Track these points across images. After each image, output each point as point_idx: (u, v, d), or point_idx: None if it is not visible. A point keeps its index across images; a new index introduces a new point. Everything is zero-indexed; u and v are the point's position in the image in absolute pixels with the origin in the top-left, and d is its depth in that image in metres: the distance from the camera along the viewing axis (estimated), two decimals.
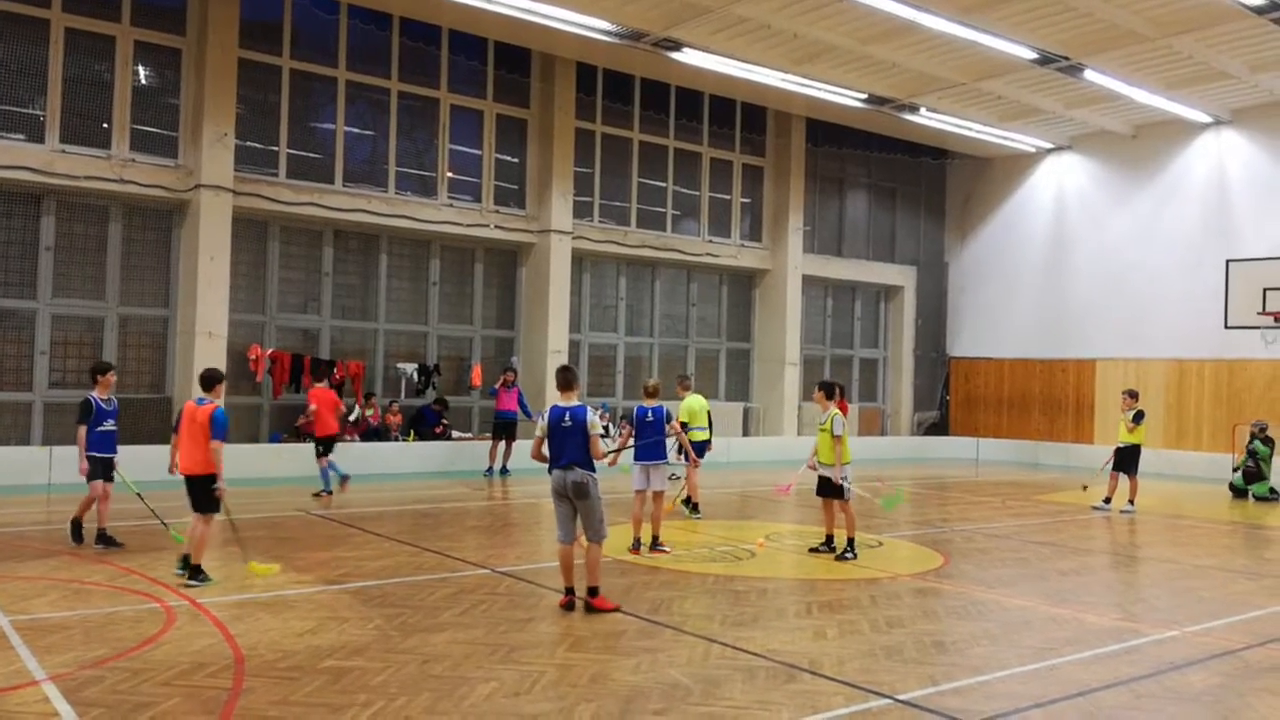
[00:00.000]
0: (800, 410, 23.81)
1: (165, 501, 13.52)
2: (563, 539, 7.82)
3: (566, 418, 7.73)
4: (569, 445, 7.67)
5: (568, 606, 7.67)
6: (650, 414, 10.75)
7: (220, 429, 8.36)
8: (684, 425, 12.90)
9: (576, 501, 7.70)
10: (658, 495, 10.66)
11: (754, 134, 23.98)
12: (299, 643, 6.57)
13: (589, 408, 7.88)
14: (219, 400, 8.66)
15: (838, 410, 10.48)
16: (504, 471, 17.76)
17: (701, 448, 13.29)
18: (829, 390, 10.67)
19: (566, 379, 8.02)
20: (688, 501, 13.00)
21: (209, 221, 16.31)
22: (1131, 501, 15.11)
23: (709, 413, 13.82)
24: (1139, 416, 15.27)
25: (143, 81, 16.73)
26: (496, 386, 18.22)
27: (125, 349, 16.64)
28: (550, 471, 7.79)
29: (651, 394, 11.01)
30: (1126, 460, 15.25)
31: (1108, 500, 15.27)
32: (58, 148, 15.66)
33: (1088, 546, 12.07)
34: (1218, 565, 10.89)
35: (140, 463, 15.39)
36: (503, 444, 17.89)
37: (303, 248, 18.39)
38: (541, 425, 7.88)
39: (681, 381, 14.33)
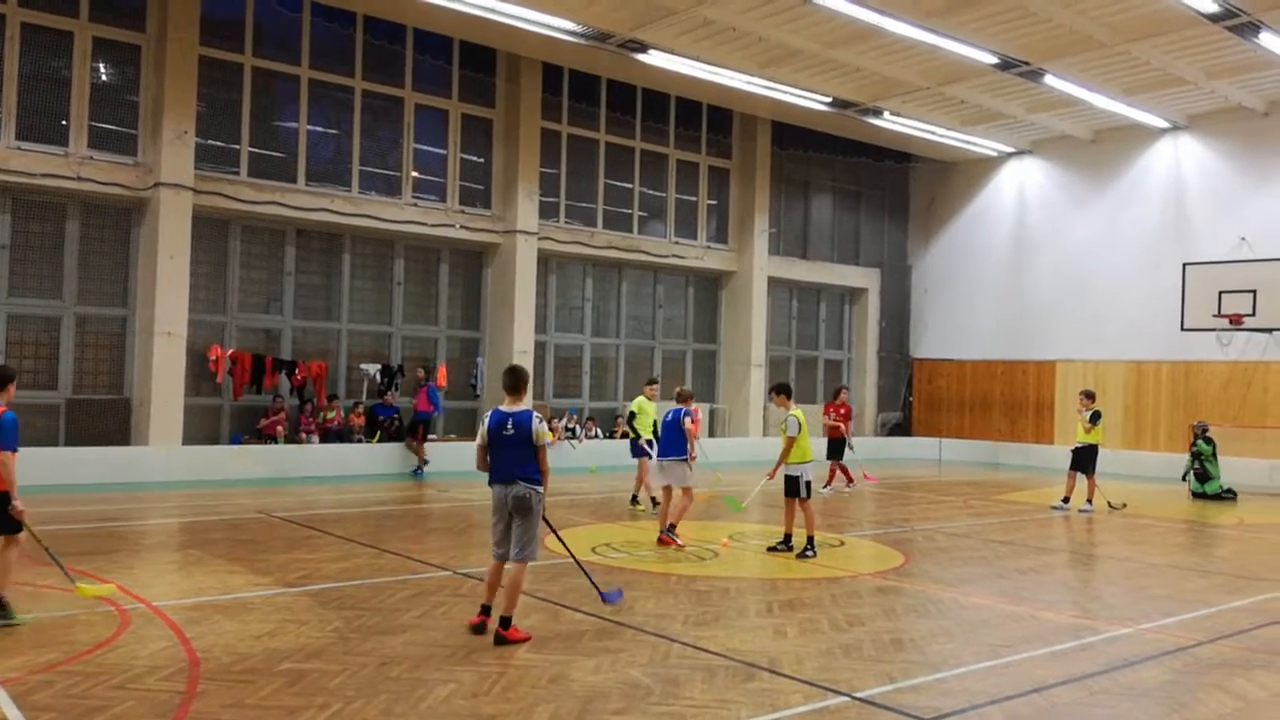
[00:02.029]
0: (766, 411, 23.91)
1: (116, 504, 13.34)
2: (496, 555, 7.08)
3: (509, 425, 6.93)
4: (510, 456, 6.92)
5: (478, 628, 6.92)
6: (670, 415, 11.53)
7: (6, 438, 6.94)
8: (631, 417, 14.03)
9: (514, 517, 6.96)
10: (685, 490, 11.14)
11: (720, 136, 24.06)
12: (255, 645, 6.51)
13: (535, 413, 7.03)
14: (5, 403, 7.21)
15: (797, 412, 10.57)
16: (418, 471, 17.71)
17: (638, 446, 13.92)
18: (780, 390, 10.82)
19: (514, 381, 7.14)
20: (634, 498, 14.05)
21: (169, 220, 16.12)
22: (1090, 501, 15.33)
23: (654, 420, 14.27)
24: (1096, 417, 15.50)
25: (102, 78, 16.50)
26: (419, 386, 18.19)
27: (83, 349, 16.40)
28: (490, 483, 7.06)
29: (681, 399, 11.73)
30: (1083, 460, 15.47)
31: (1066, 500, 15.48)
32: (14, 144, 15.40)
33: (1046, 545, 12.22)
34: (1171, 563, 11.07)
35: (97, 465, 15.28)
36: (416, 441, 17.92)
37: (265, 247, 18.22)
38: (481, 432, 7.09)
39: (650, 383, 14.85)
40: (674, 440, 11.38)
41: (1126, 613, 8.43)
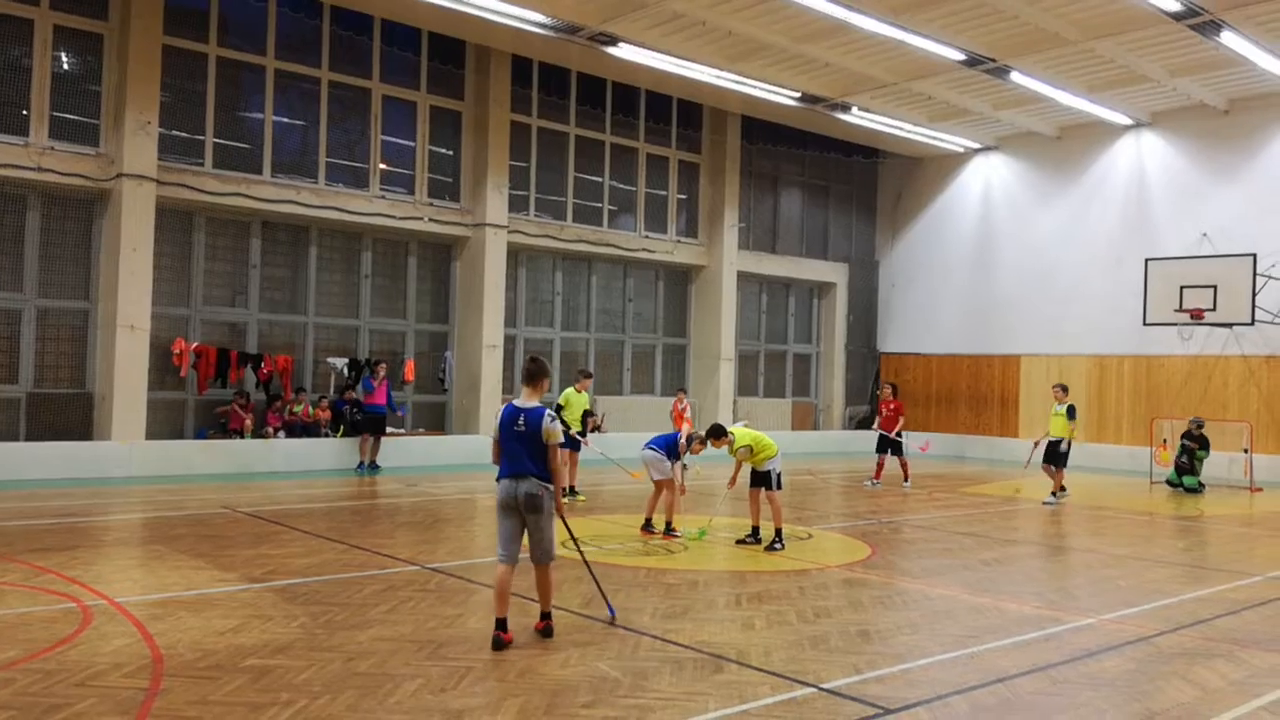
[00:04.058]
0: (735, 405, 24.02)
1: (78, 499, 13.17)
2: (504, 558, 6.77)
3: (520, 420, 6.73)
4: (520, 452, 6.69)
5: (501, 644, 6.47)
6: (673, 436, 11.87)
7: None
8: (559, 409, 14.15)
9: (527, 516, 6.70)
10: (657, 483, 11.32)
11: (690, 130, 24.07)
12: (220, 641, 6.44)
13: (548, 411, 6.81)
14: None
15: (742, 439, 10.64)
16: (373, 468, 17.36)
17: (567, 438, 14.08)
18: (715, 432, 10.83)
19: (532, 371, 6.94)
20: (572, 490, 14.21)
21: (131, 212, 15.89)
22: (1055, 493, 15.51)
23: (586, 410, 14.71)
24: (1072, 411, 15.65)
25: (64, 67, 16.24)
26: (370, 380, 17.59)
27: (44, 342, 16.14)
28: (498, 479, 6.83)
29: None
30: (1055, 453, 15.61)
31: (1054, 493, 15.60)
32: None
33: (1010, 537, 12.36)
34: (1134, 554, 11.23)
35: (58, 460, 15.07)
36: (370, 439, 17.52)
37: (229, 239, 18.01)
38: (495, 426, 6.91)
39: (583, 375, 15.12)
40: (663, 437, 11.62)
41: (1089, 603, 8.56)
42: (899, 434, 17.72)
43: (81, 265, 16.43)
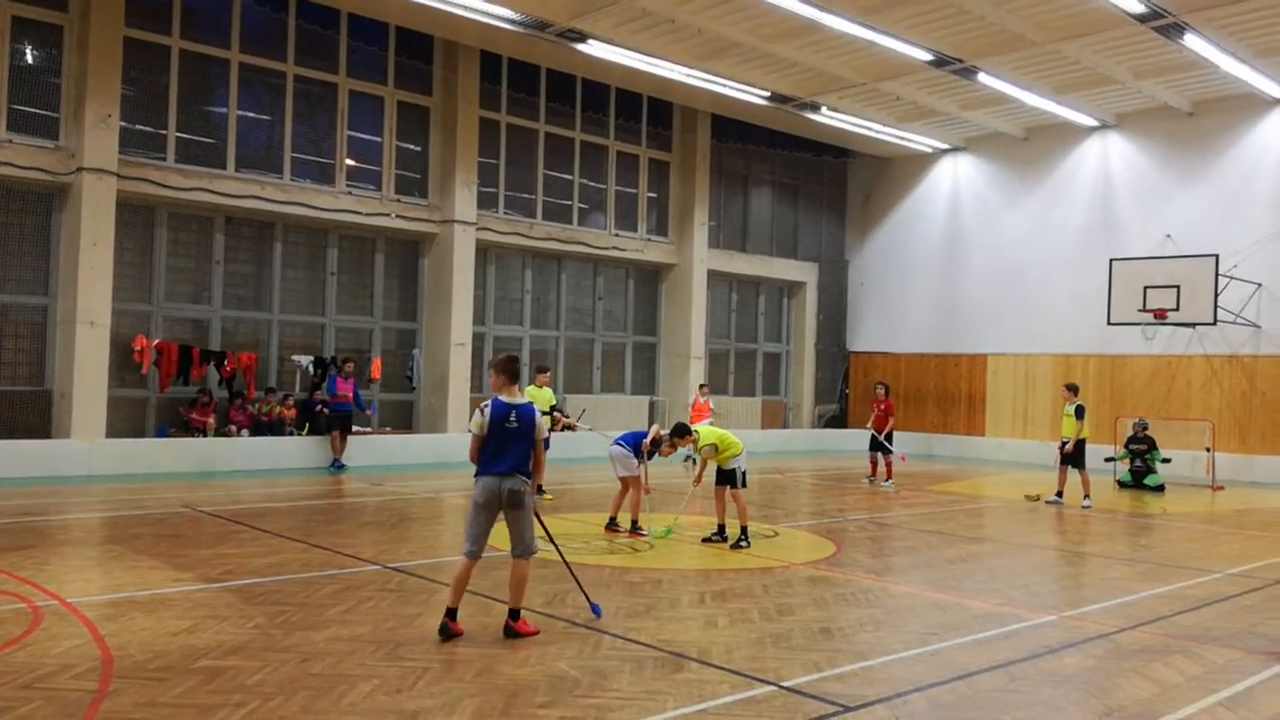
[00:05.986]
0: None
1: (36, 499, 12.94)
2: (472, 553, 6.82)
3: (512, 417, 6.80)
4: (512, 449, 6.79)
5: (450, 633, 6.61)
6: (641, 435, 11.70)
7: None
8: None
9: (510, 512, 6.78)
10: (622, 480, 11.33)
11: (660, 129, 24.04)
12: (173, 642, 6.33)
13: (537, 408, 7.05)
14: None
15: (707, 438, 10.66)
16: (339, 467, 17.16)
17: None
18: (679, 431, 10.87)
19: (513, 370, 7.05)
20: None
21: (91, 206, 15.62)
22: (1087, 495, 15.47)
23: (552, 406, 14.80)
24: (1080, 411, 15.69)
25: (28, 60, 15.94)
26: (335, 375, 17.44)
27: (2, 339, 15.85)
28: (478, 475, 6.81)
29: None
30: (1074, 455, 15.61)
31: (1060, 494, 15.68)
32: None
33: (975, 535, 12.42)
34: (1097, 552, 11.32)
35: (16, 459, 14.81)
36: (339, 436, 17.32)
37: (193, 235, 17.76)
38: (479, 422, 6.83)
39: (541, 371, 15.16)
40: (631, 435, 11.59)
41: (1051, 600, 8.61)
42: (889, 434, 17.73)
43: (40, 260, 16.15)
